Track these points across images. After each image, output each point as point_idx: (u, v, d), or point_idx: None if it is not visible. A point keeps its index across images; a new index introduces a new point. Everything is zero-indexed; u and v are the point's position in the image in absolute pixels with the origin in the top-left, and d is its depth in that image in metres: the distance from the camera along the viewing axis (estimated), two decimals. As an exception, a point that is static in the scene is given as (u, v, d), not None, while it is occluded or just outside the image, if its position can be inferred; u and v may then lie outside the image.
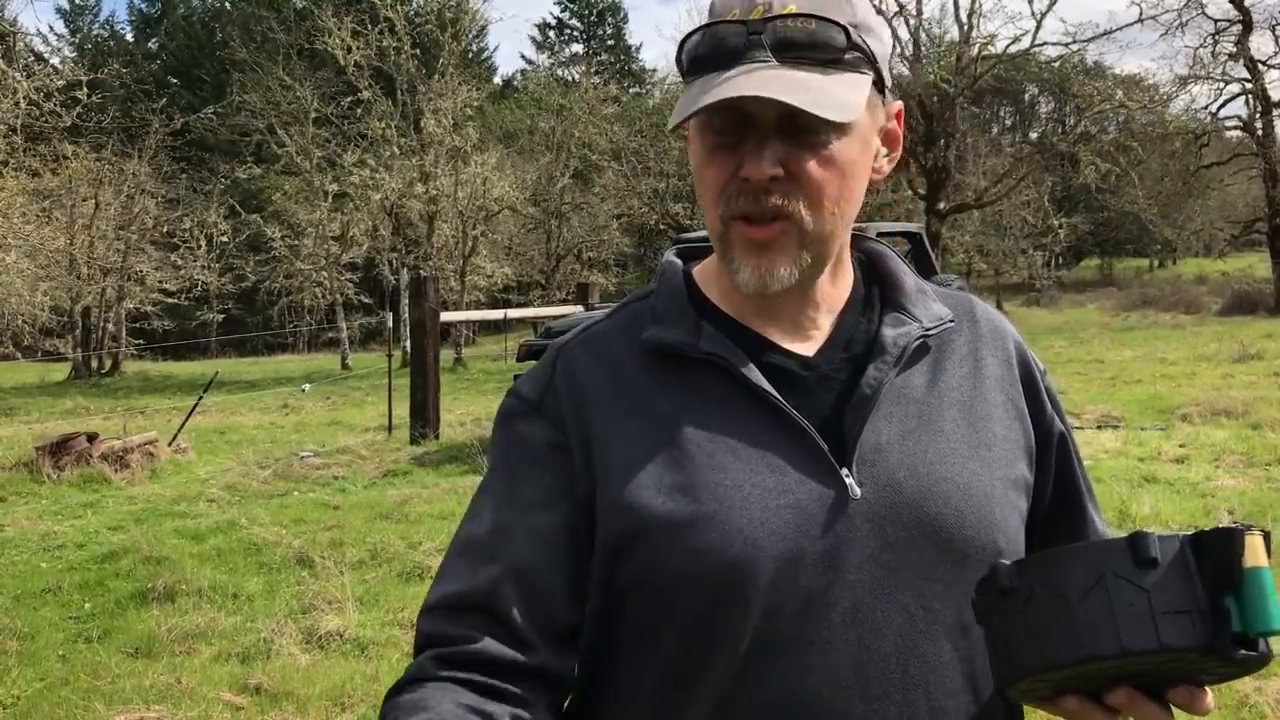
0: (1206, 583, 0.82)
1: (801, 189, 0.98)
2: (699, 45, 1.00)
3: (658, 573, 0.98)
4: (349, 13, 25.10)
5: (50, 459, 9.33)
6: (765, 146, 0.97)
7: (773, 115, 0.97)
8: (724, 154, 1.00)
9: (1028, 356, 1.15)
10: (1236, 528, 0.83)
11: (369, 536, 6.91)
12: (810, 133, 0.97)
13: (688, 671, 0.98)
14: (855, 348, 1.08)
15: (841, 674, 0.96)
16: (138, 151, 27.21)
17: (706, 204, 1.03)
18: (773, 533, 0.97)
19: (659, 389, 1.05)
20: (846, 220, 1.04)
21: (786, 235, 1.00)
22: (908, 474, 1.01)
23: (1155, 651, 0.81)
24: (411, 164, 24.63)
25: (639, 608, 1.00)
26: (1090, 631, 0.82)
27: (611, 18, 55.59)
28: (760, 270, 1.01)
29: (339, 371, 25.51)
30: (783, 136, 0.97)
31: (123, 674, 4.64)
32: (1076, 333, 22.31)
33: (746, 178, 0.97)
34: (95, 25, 52.03)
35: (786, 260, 1.01)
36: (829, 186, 0.99)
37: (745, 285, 1.02)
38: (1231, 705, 3.91)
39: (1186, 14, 27.66)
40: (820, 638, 0.96)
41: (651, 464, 1.00)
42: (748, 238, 1.00)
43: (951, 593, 0.99)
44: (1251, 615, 0.80)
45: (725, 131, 0.99)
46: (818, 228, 1.00)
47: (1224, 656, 0.81)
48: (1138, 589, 0.82)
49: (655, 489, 0.99)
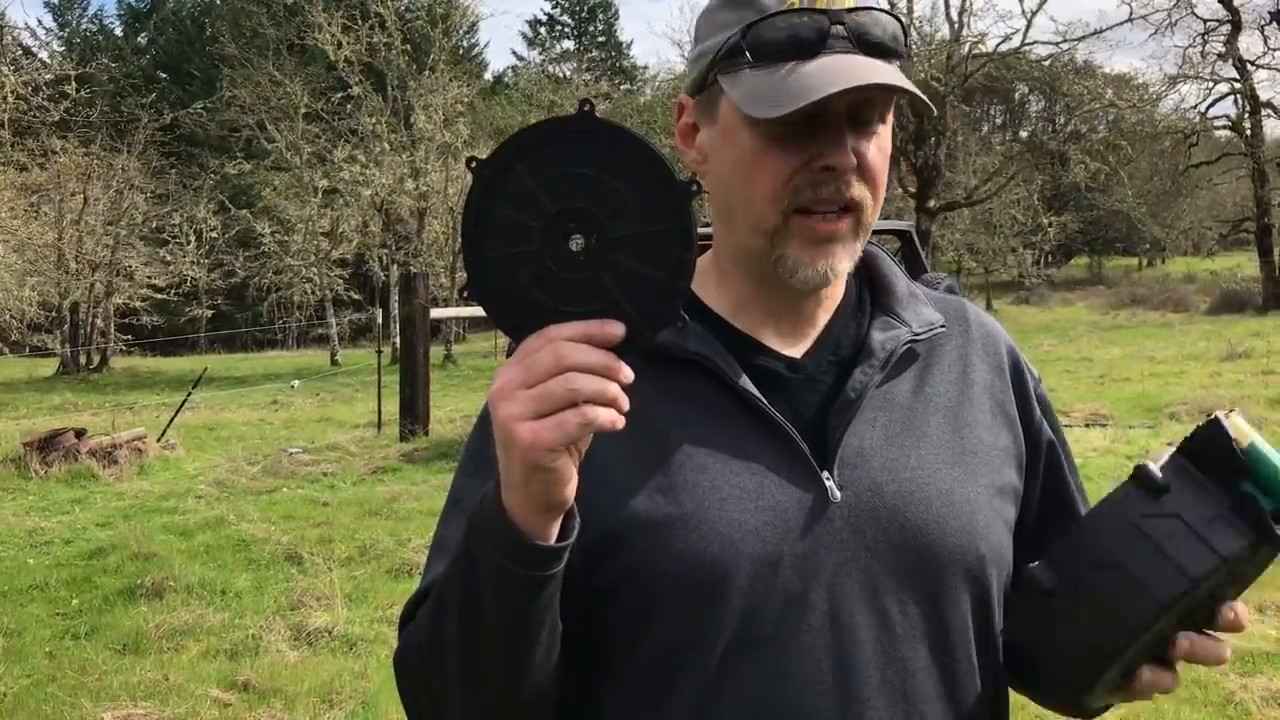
0: (1219, 481, 0.82)
1: (869, 178, 0.99)
2: (772, 31, 0.98)
3: (636, 574, 0.98)
4: (339, 8, 25.02)
5: (38, 455, 9.29)
6: (843, 135, 0.97)
7: (844, 105, 0.96)
8: (786, 143, 0.98)
9: (1020, 363, 1.15)
10: (1215, 418, 0.83)
11: (358, 533, 6.90)
12: (869, 123, 0.99)
13: (666, 673, 0.98)
14: (843, 350, 1.07)
15: (820, 677, 0.95)
16: (127, 146, 27.08)
17: (758, 196, 1.00)
18: (750, 534, 0.96)
19: (642, 388, 1.04)
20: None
21: (850, 229, 1.01)
22: (889, 478, 1.00)
23: (1219, 565, 0.80)
24: (402, 160, 24.56)
25: (618, 609, 1.00)
26: (1157, 580, 0.81)
27: (603, 14, 55.51)
28: (824, 265, 1.00)
29: (328, 368, 25.44)
30: (850, 127, 0.98)
31: (110, 671, 4.63)
32: (1065, 331, 22.37)
33: (832, 167, 0.97)
34: (84, 19, 51.78)
35: (845, 253, 1.01)
36: (881, 175, 1.01)
37: (804, 282, 1.01)
38: (1218, 703, 3.93)
39: (1176, 14, 27.77)
40: (798, 641, 0.96)
41: (632, 465, 1.00)
42: (816, 231, 0.99)
43: (932, 599, 0.99)
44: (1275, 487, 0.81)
45: (795, 120, 0.96)
46: (872, 217, 1.02)
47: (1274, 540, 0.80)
48: (1169, 518, 0.82)
49: (635, 490, 0.99)
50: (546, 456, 0.79)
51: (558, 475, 0.81)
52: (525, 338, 0.81)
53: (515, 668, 0.92)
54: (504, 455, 0.83)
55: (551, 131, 0.80)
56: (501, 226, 0.80)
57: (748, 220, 1.02)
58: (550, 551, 0.86)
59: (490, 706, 0.96)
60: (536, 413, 0.78)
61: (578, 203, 0.79)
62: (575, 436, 0.79)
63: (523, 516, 0.84)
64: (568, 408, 0.78)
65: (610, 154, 0.79)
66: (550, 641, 0.93)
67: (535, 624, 0.90)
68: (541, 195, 0.79)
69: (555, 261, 0.80)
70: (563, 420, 0.78)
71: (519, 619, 0.89)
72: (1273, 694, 3.96)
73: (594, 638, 1.02)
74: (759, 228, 1.01)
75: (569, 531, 0.87)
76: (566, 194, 0.79)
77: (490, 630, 0.91)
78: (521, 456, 0.80)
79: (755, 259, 1.04)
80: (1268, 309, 26.14)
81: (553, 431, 0.78)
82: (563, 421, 0.78)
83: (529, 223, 0.80)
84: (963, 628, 1.00)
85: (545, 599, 0.89)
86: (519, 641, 0.91)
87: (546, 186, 0.79)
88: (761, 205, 1.00)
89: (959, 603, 1.00)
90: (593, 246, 0.80)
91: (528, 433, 0.78)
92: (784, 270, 1.01)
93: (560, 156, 0.79)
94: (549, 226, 0.80)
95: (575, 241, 0.80)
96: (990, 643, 1.03)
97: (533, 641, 0.91)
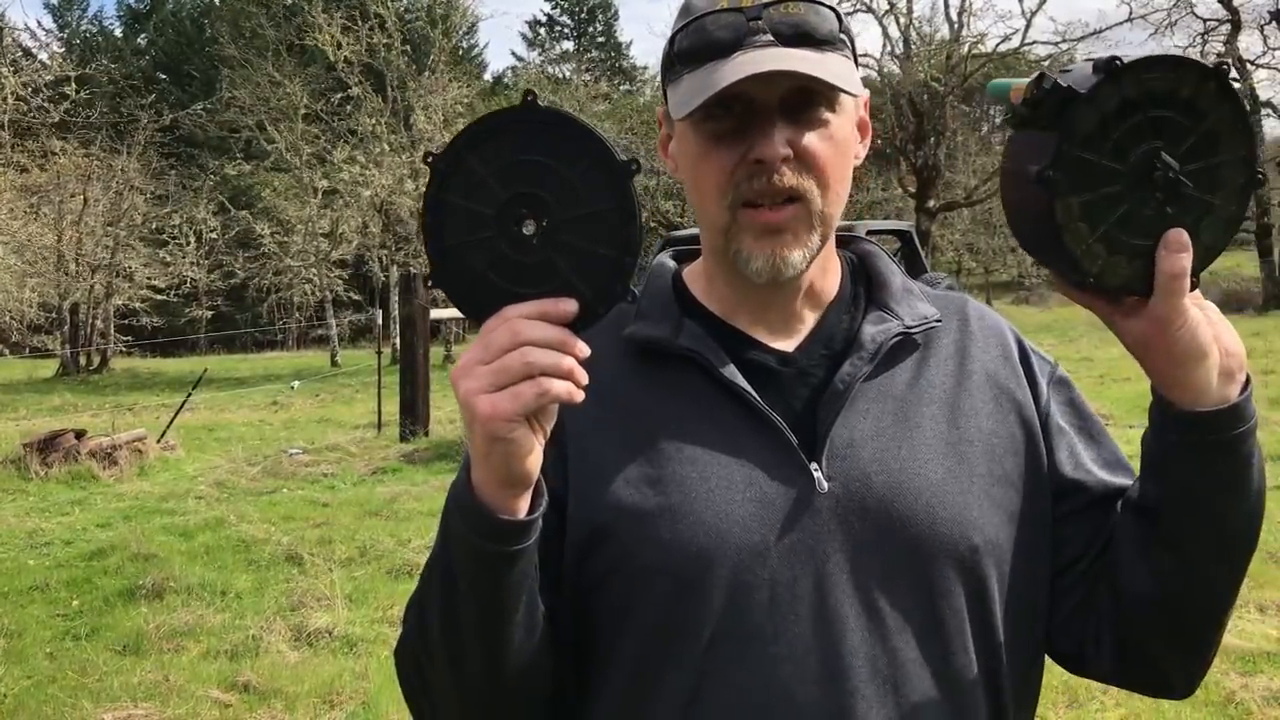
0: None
1: (810, 168, 0.99)
2: (693, 36, 1.01)
3: (624, 564, 0.99)
4: (339, 9, 25.00)
5: (38, 456, 9.30)
6: (773, 127, 0.98)
7: (775, 98, 0.98)
8: (727, 141, 1.00)
9: (1028, 350, 1.14)
10: None
11: (358, 534, 6.90)
12: (811, 111, 0.99)
13: (655, 663, 0.99)
14: (835, 344, 1.08)
15: (809, 668, 0.96)
16: (126, 147, 27.07)
17: (707, 195, 1.03)
18: (737, 524, 0.98)
19: (636, 384, 1.06)
20: (844, 202, 1.05)
21: (798, 219, 1.01)
22: (879, 469, 1.00)
23: None
24: (402, 161, 24.53)
25: (608, 601, 1.01)
26: None
27: (602, 15, 55.48)
28: (774, 256, 1.01)
29: (328, 368, 25.43)
30: (785, 118, 0.98)
31: (110, 671, 4.63)
32: (1066, 331, 22.35)
33: (760, 159, 0.98)
34: (84, 20, 51.81)
35: (799, 245, 1.01)
36: (832, 164, 1.01)
37: (758, 274, 1.02)
38: (1218, 702, 3.93)
39: (1176, 13, 27.76)
40: (787, 631, 0.96)
41: (623, 458, 1.01)
42: (760, 222, 1.00)
43: (923, 591, 0.99)
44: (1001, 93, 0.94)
45: (726, 118, 0.99)
46: (826, 207, 1.02)
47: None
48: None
49: (625, 482, 1.00)
50: (504, 427, 0.82)
51: (517, 446, 0.84)
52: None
53: (493, 646, 0.94)
54: (468, 431, 0.86)
55: (499, 122, 0.85)
56: (457, 216, 0.85)
57: (705, 219, 1.05)
58: (517, 525, 0.88)
59: (474, 690, 0.97)
60: (494, 385, 0.82)
61: (527, 188, 0.84)
62: (532, 406, 0.82)
63: (490, 493, 0.87)
64: (524, 380, 0.81)
65: (555, 140, 0.83)
66: (529, 622, 0.95)
67: (511, 599, 0.92)
68: (493, 183, 0.84)
69: (510, 246, 0.84)
70: (519, 391, 0.81)
71: (493, 596, 0.91)
72: (1274, 693, 3.96)
73: (586, 633, 1.03)
74: (714, 225, 1.04)
75: (536, 508, 0.90)
76: (516, 181, 0.84)
77: (466, 609, 0.93)
78: (481, 428, 0.83)
79: (722, 257, 1.06)
80: (1267, 309, 26.14)
81: (510, 402, 0.81)
82: (519, 393, 0.81)
83: (483, 210, 0.84)
84: (957, 619, 1.00)
85: (517, 575, 0.91)
86: (495, 620, 0.92)
87: (497, 175, 0.84)
88: (711, 203, 1.03)
89: (952, 594, 0.99)
90: (543, 229, 0.84)
91: (486, 405, 0.82)
92: (740, 264, 1.03)
93: (509, 146, 0.84)
94: (501, 213, 0.84)
95: (527, 226, 0.84)
96: (990, 633, 1.02)
97: (508, 620, 0.93)
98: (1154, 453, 0.97)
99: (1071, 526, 1.08)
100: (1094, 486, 1.08)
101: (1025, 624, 1.05)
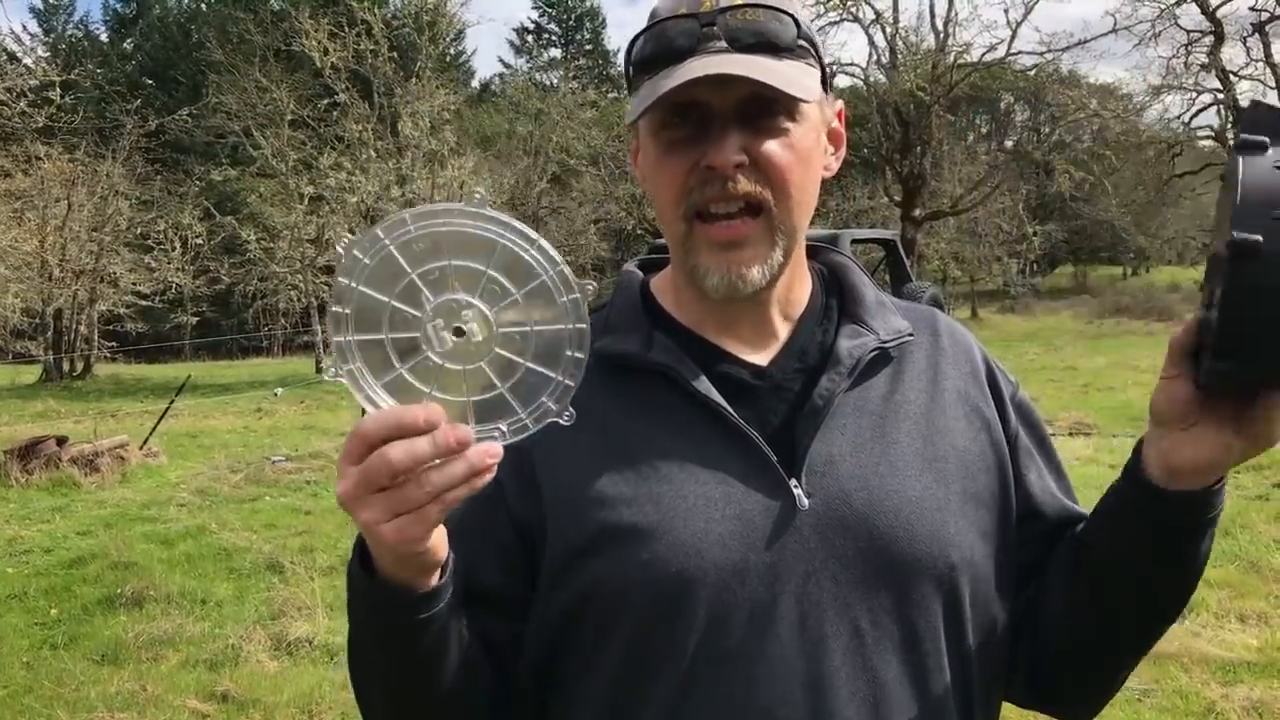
0: None
1: (767, 176, 0.97)
2: (649, 43, 1.00)
3: (602, 585, 0.97)
4: (326, 15, 24.97)
5: (18, 462, 9.22)
6: (727, 134, 0.96)
7: (731, 104, 0.96)
8: (682, 148, 0.98)
9: (994, 368, 1.14)
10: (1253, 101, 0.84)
11: (340, 542, 6.86)
12: (769, 118, 0.97)
13: (635, 684, 0.97)
14: (810, 358, 1.06)
15: (790, 688, 0.95)
16: (112, 153, 26.94)
17: (665, 204, 1.01)
18: (716, 543, 0.96)
19: (608, 400, 1.03)
20: (809, 213, 1.03)
21: (757, 233, 0.98)
22: (858, 486, 0.99)
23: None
24: (388, 167, 24.49)
25: (587, 622, 0.99)
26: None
27: (590, 22, 55.58)
28: (731, 272, 0.99)
29: (313, 375, 25.34)
30: (742, 125, 0.97)
31: (88, 681, 4.59)
32: (1050, 340, 22.43)
33: (712, 165, 0.96)
34: (69, 25, 51.59)
35: (758, 260, 0.99)
36: (792, 172, 0.98)
37: (715, 290, 1.00)
38: (1199, 712, 3.93)
39: (1160, 25, 27.88)
40: (767, 651, 0.95)
41: (599, 478, 0.99)
42: (714, 238, 0.98)
43: (902, 608, 0.98)
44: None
45: (682, 126, 0.98)
46: (786, 218, 0.99)
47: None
48: None
49: (601, 503, 0.98)
50: (416, 545, 0.79)
51: (431, 550, 0.82)
52: None
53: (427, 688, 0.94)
54: (371, 545, 0.83)
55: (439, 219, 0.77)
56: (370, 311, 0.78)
57: (665, 230, 1.04)
58: (431, 592, 0.87)
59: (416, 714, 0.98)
60: (395, 513, 0.77)
61: (459, 294, 0.77)
62: (439, 521, 0.79)
63: (400, 581, 0.86)
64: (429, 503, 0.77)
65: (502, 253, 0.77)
66: (462, 656, 0.94)
67: (436, 651, 0.91)
68: (422, 286, 0.77)
69: (431, 348, 0.78)
70: (425, 514, 0.77)
71: (411, 654, 0.91)
72: (1254, 703, 3.96)
73: (563, 652, 1.01)
74: (673, 236, 1.03)
75: (445, 571, 0.88)
76: (449, 285, 0.77)
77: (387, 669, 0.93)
78: (391, 551, 0.81)
79: (684, 268, 1.04)
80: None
81: (416, 526, 0.78)
82: (425, 515, 0.77)
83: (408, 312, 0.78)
84: (934, 636, 0.99)
85: (435, 631, 0.90)
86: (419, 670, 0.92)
87: (426, 277, 0.77)
88: (668, 214, 1.01)
89: (930, 611, 0.99)
90: (471, 336, 0.78)
91: (392, 533, 0.78)
92: (698, 279, 1.01)
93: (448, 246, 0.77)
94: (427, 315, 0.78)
95: (453, 331, 0.78)
96: (964, 651, 1.01)
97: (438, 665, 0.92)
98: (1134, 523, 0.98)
99: (1032, 550, 1.09)
100: (1058, 514, 1.10)
101: (994, 641, 1.05)
